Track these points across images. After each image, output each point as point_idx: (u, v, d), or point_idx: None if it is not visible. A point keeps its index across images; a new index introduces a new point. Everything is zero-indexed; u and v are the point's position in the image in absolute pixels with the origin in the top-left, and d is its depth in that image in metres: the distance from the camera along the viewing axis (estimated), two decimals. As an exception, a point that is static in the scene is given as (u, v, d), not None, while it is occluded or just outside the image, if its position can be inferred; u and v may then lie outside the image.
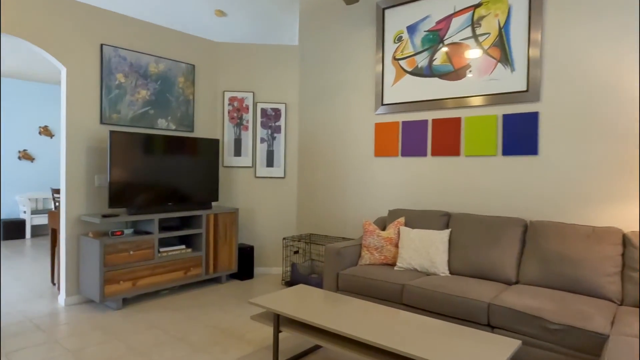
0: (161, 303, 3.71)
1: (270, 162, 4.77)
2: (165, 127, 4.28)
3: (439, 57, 3.67)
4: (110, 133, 3.56)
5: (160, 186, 3.93)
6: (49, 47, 3.49)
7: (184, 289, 4.14)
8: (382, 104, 4.05)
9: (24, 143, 7.30)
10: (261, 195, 4.80)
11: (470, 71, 3.50)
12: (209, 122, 4.73)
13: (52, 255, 4.24)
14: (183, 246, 4.07)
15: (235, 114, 4.76)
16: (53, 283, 4.25)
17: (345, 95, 4.38)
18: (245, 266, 4.54)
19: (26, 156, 7.30)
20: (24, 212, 7.08)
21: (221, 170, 4.77)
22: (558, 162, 3.10)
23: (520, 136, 3.25)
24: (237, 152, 4.76)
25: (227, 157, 4.76)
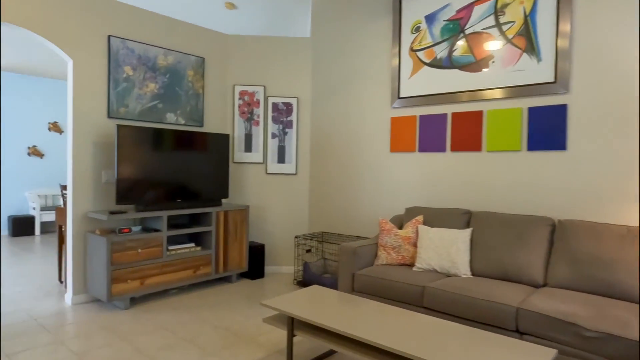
0: (170, 303, 3.60)
1: (281, 158, 4.64)
2: (174, 122, 4.16)
3: (460, 48, 3.50)
4: (117, 127, 3.45)
5: (169, 182, 3.81)
6: (55, 39, 3.38)
7: (193, 289, 4.02)
8: (399, 98, 3.88)
9: (34, 139, 7.25)
10: (272, 192, 4.66)
11: (493, 62, 3.32)
12: (219, 117, 4.61)
13: (60, 252, 4.15)
14: (192, 244, 3.95)
15: (245, 109, 4.63)
16: (60, 281, 4.16)
17: (359, 88, 4.22)
18: (255, 265, 4.41)
19: (36, 152, 7.25)
20: (34, 209, 7.04)
21: (231, 166, 4.65)
22: (588, 158, 2.91)
23: (547, 130, 3.07)
24: (248, 148, 4.63)
25: (238, 153, 4.63)
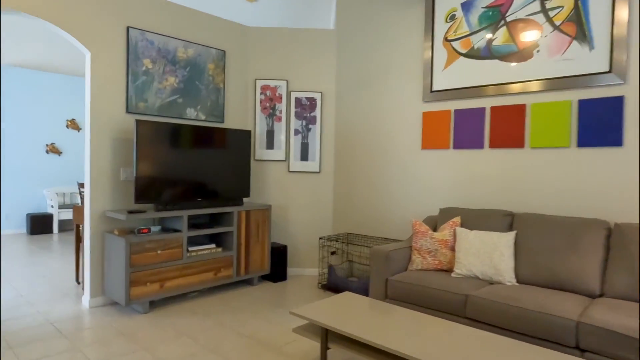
0: (190, 307, 3.43)
1: (304, 156, 4.44)
2: (194, 117, 3.99)
3: (500, 36, 3.24)
4: (136, 123, 3.29)
5: (189, 180, 3.65)
6: (73, 30, 3.23)
7: (214, 292, 3.85)
8: (431, 91, 3.65)
9: (52, 136, 7.20)
10: (295, 191, 4.47)
11: (538, 51, 3.06)
12: (240, 113, 4.43)
13: (77, 252, 4.02)
14: (213, 245, 3.78)
15: (267, 104, 4.44)
16: (77, 282, 4.03)
17: (388, 82, 3.99)
18: (278, 267, 4.23)
19: (53, 149, 7.19)
20: (51, 207, 6.98)
21: (252, 164, 4.46)
22: (649, 155, 2.64)
23: (600, 125, 2.81)
24: (270, 145, 4.44)
25: (259, 150, 4.45)
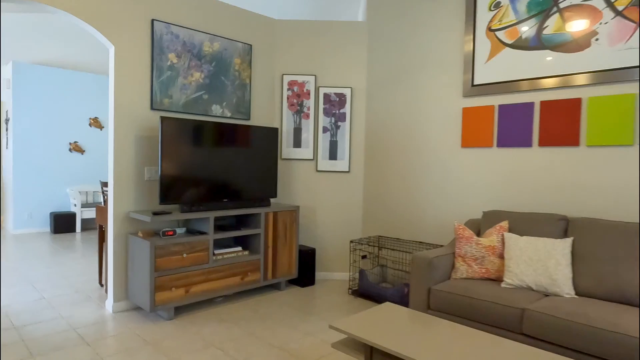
0: (216, 313, 3.27)
1: (333, 155, 4.23)
2: (219, 114, 3.83)
3: (552, 25, 2.98)
4: (161, 119, 3.14)
5: (214, 180, 3.48)
6: (96, 23, 3.10)
7: (240, 297, 3.68)
8: (472, 85, 3.40)
9: (75, 135, 7.17)
10: (323, 191, 4.27)
11: (596, 39, 2.79)
12: (266, 109, 4.25)
13: (100, 254, 3.91)
14: (239, 248, 3.61)
15: (295, 100, 4.25)
16: (101, 284, 3.92)
17: (424, 76, 3.76)
18: (305, 271, 4.03)
19: (77, 148, 7.16)
20: (75, 206, 6.95)
21: (279, 163, 4.28)
22: None
23: (670, 120, 2.52)
24: (297, 143, 4.25)
25: (286, 149, 4.26)
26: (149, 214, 3.08)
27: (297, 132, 4.25)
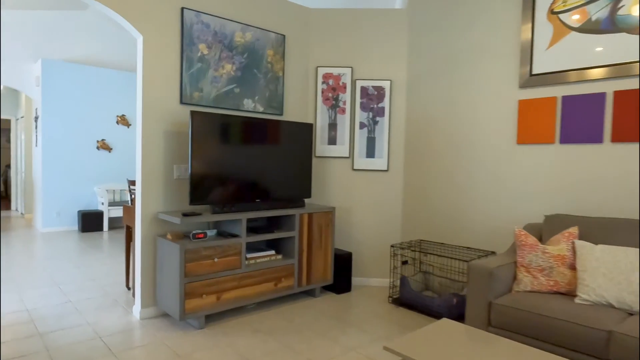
0: (249, 322, 3.04)
1: (370, 152, 3.95)
2: (251, 109, 3.60)
3: (629, 3, 2.62)
4: (191, 114, 2.93)
5: (247, 179, 3.26)
6: (124, 11, 2.91)
7: (273, 304, 3.45)
8: (531, 75, 3.06)
9: (102, 132, 7.10)
10: (359, 191, 3.99)
11: (686, 18, 2.42)
12: (300, 104, 4.00)
13: (127, 256, 3.75)
14: (272, 252, 3.38)
15: (330, 94, 3.99)
16: (128, 287, 3.76)
17: (472, 67, 3.43)
18: (341, 277, 3.77)
19: (104, 146, 7.10)
20: (102, 204, 6.89)
21: (313, 161, 4.03)
22: None
23: None
24: (332, 140, 3.99)
25: (320, 146, 4.00)
26: (179, 215, 2.88)
27: (332, 128, 3.99)
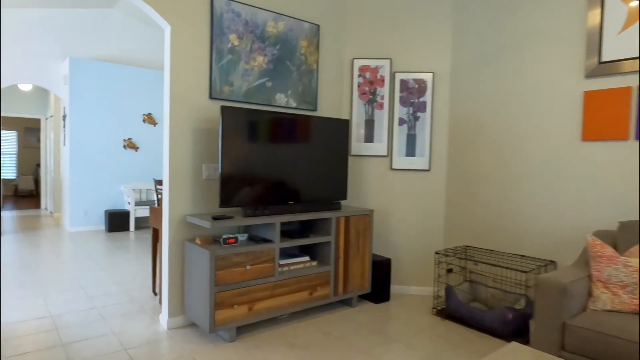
0: (282, 335, 2.81)
1: (411, 150, 3.66)
2: (284, 104, 3.37)
3: None
4: (222, 110, 2.71)
5: (280, 180, 3.02)
6: (152, 0, 2.71)
7: (307, 314, 3.21)
8: (600, 62, 2.71)
9: (129, 131, 7.03)
10: (398, 193, 3.71)
11: None
12: (335, 99, 3.74)
13: (154, 259, 3.57)
14: (307, 258, 3.13)
15: (366, 88, 3.71)
16: (154, 292, 3.59)
17: (527, 54, 3.10)
18: (379, 285, 3.50)
19: (131, 145, 7.02)
20: (128, 204, 6.81)
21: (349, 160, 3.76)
22: None
23: None
24: (369, 137, 3.71)
25: (356, 144, 3.74)
26: (209, 219, 2.66)
27: (369, 125, 3.71)
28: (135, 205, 6.76)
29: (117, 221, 6.62)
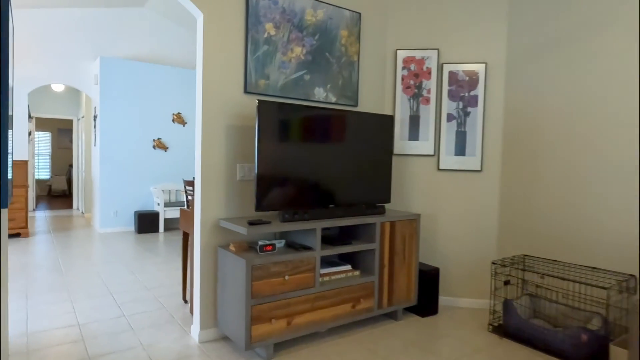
0: (324, 352, 2.54)
1: (460, 149, 3.34)
2: (323, 99, 3.11)
3: None
4: (258, 104, 2.47)
5: (320, 181, 2.76)
6: (182, -14, 2.51)
7: (347, 329, 2.94)
8: (694, 45, 2.33)
9: (158, 131, 6.93)
10: (446, 195, 3.39)
11: None
12: (376, 93, 3.46)
13: (184, 265, 3.38)
14: (348, 267, 2.86)
15: (411, 82, 3.41)
16: (185, 300, 3.39)
17: (599, 41, 2.73)
18: (426, 296, 3.19)
19: (160, 145, 6.93)
20: (158, 204, 6.71)
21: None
22: None
23: None
24: (414, 135, 3.41)
25: (399, 142, 3.44)
26: (244, 224, 2.43)
27: (414, 121, 3.41)
28: (164, 206, 6.65)
29: (147, 222, 6.53)
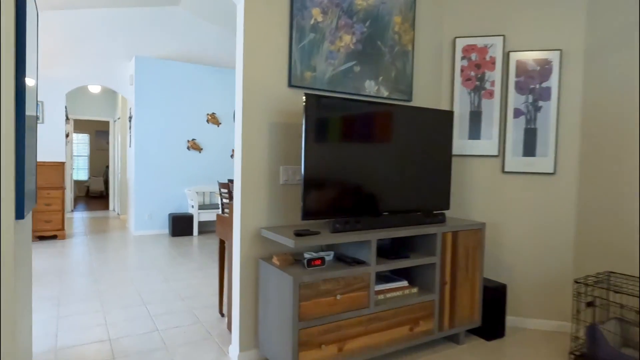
0: (380, 382, 2.21)
1: (530, 149, 2.93)
2: (374, 93, 2.78)
3: None
4: (306, 98, 2.17)
5: (373, 186, 2.43)
6: (221, -33, 2.23)
7: (404, 354, 2.59)
8: None
9: (193, 132, 6.78)
10: (513, 201, 2.99)
11: None
12: (432, 86, 3.10)
13: (221, 276, 3.13)
14: (405, 282, 2.52)
15: (472, 73, 3.03)
16: (221, 314, 3.14)
17: None
18: (491, 316, 2.80)
19: (194, 146, 6.77)
20: (192, 207, 6.55)
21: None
22: None
23: None
24: (475, 133, 3.03)
25: (458, 141, 3.07)
26: (290, 234, 2.13)
27: (475, 118, 3.03)
28: (198, 208, 6.49)
29: (181, 225, 6.38)
